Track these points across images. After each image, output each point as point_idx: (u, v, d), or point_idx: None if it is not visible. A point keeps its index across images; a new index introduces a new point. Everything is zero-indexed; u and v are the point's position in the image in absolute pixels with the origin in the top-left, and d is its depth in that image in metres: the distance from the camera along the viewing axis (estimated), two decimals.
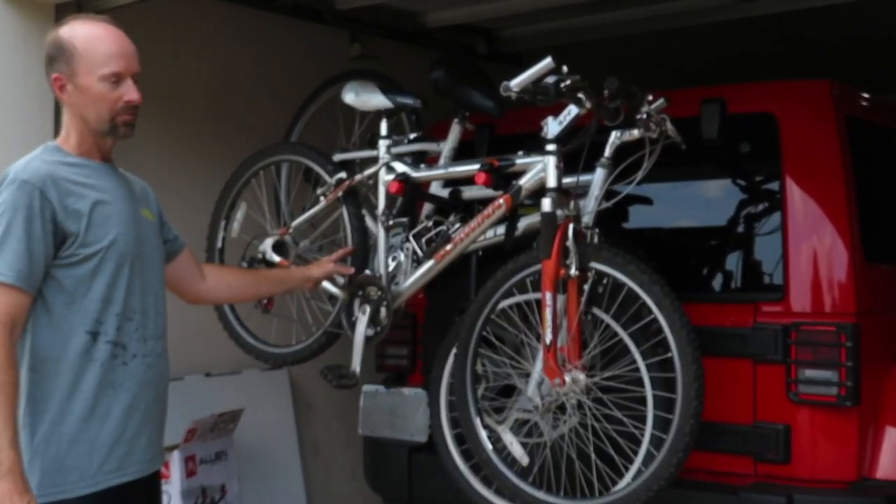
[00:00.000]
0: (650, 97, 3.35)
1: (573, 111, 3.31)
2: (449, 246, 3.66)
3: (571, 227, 3.27)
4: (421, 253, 3.77)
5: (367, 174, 3.95)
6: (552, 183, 3.33)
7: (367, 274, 3.85)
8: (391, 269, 3.83)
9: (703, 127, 3.65)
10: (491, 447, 3.50)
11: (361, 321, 3.78)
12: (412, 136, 4.01)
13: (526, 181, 3.46)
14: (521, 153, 3.53)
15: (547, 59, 3.18)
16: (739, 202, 4.14)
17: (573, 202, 3.36)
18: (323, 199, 4.04)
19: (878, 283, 3.79)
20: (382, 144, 3.93)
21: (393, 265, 3.83)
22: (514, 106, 3.50)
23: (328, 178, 4.04)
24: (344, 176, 3.98)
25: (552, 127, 3.35)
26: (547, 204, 3.31)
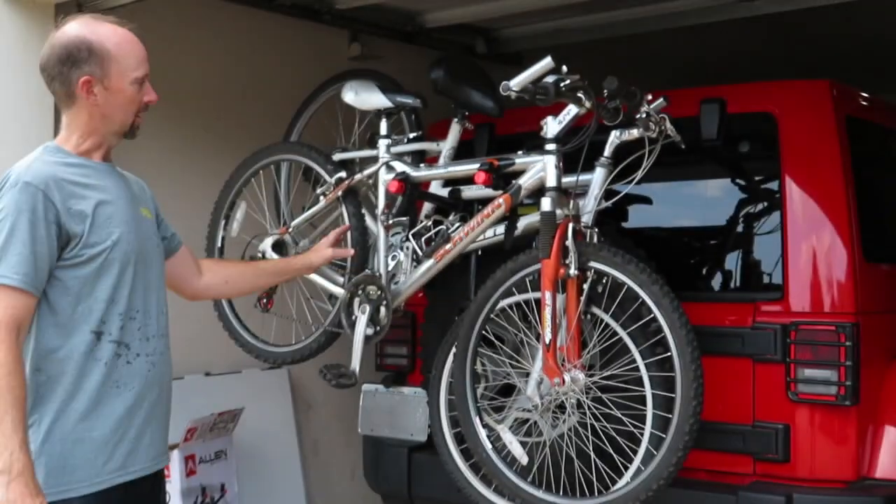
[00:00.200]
0: (650, 97, 3.36)
1: (573, 111, 3.32)
2: (448, 245, 3.66)
3: (571, 226, 3.27)
4: (420, 252, 3.77)
5: (366, 173, 3.94)
6: (552, 182, 3.34)
7: (366, 273, 3.84)
8: (391, 268, 3.83)
9: (702, 127, 3.66)
10: (490, 446, 3.50)
11: (361, 320, 3.78)
12: (412, 135, 4.01)
13: (525, 181, 3.46)
14: (520, 153, 3.53)
15: (546, 58, 3.18)
16: (739, 202, 4.14)
17: (573, 202, 3.37)
18: (322, 198, 4.03)
19: (877, 282, 3.79)
20: (382, 144, 3.93)
21: (392, 264, 3.83)
22: (513, 106, 3.51)
23: (328, 177, 4.03)
24: (344, 175, 3.98)
25: (552, 126, 3.35)
26: (546, 203, 3.32)
